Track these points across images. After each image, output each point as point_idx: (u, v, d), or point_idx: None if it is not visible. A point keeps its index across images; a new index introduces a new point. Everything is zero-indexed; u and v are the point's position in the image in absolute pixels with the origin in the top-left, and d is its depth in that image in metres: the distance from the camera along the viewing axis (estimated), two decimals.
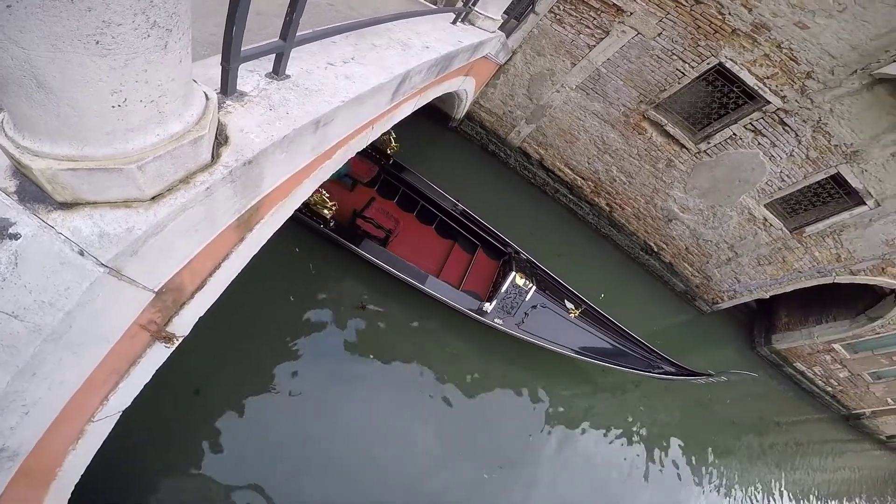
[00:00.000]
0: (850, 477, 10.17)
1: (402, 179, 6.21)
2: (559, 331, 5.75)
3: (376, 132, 3.69)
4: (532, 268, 6.08)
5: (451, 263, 5.96)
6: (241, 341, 4.92)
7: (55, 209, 1.30)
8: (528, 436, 5.92)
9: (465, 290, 5.66)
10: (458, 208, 6.20)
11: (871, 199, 6.63)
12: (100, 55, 0.99)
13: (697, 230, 8.51)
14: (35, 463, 1.69)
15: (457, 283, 5.73)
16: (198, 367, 4.54)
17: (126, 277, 1.46)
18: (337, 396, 5.09)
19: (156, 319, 1.93)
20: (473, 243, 6.25)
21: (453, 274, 5.88)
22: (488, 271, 6.06)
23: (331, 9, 3.94)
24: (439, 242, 6.24)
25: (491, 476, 5.46)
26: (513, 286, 5.50)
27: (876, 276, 7.65)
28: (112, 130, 1.18)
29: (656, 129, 7.54)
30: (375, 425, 5.13)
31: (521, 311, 5.52)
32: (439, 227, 6.38)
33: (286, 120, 1.99)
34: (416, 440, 5.28)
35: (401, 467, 5.05)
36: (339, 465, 4.79)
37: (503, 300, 5.46)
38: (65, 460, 1.97)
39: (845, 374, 10.17)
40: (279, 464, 4.53)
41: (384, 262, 5.29)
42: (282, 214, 2.59)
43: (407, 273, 5.34)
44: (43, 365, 1.36)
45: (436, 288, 5.39)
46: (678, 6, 6.21)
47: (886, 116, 5.88)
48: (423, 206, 6.41)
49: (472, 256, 6.15)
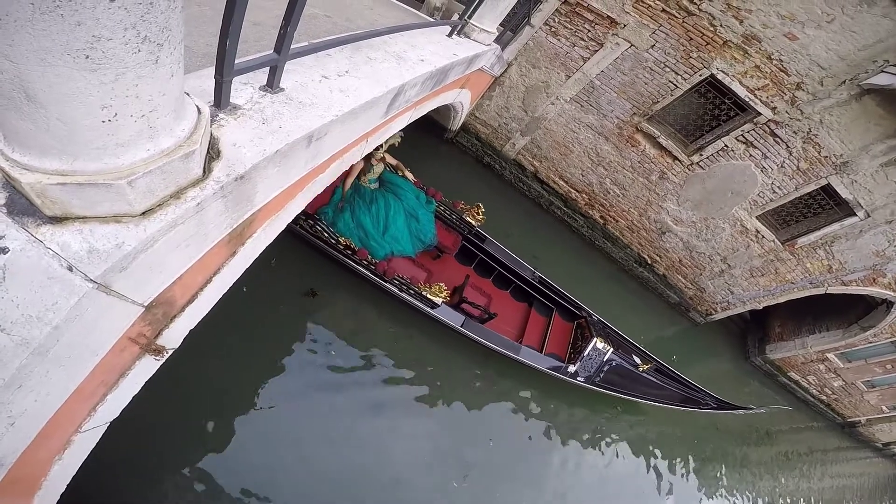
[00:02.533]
0: (846, 484, 10.17)
1: (482, 248, 6.57)
2: (630, 381, 6.27)
3: (370, 145, 3.70)
4: (604, 328, 6.51)
5: (530, 327, 6.32)
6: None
7: (44, 223, 1.29)
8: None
9: (547, 354, 6.07)
10: (535, 276, 6.58)
11: (861, 210, 6.69)
12: (90, 70, 0.99)
13: (690, 242, 8.56)
14: (20, 473, 1.67)
15: (538, 347, 6.15)
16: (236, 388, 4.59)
17: (115, 293, 1.44)
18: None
19: (145, 332, 1.91)
20: (548, 307, 6.64)
21: (534, 337, 6.29)
22: (564, 333, 6.47)
23: (328, 20, 3.96)
24: (516, 307, 6.61)
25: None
26: (594, 349, 5.92)
27: (867, 287, 7.71)
28: (102, 145, 1.17)
29: (649, 142, 7.60)
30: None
31: (599, 369, 5.99)
32: (514, 291, 6.75)
33: (279, 134, 1.98)
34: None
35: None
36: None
37: (585, 361, 5.92)
38: (50, 470, 1.94)
39: (839, 383, 10.20)
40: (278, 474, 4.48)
41: (482, 337, 5.65)
42: (275, 228, 2.58)
43: (501, 345, 5.70)
44: (29, 378, 1.34)
45: (528, 357, 5.81)
46: (670, 18, 6.31)
47: (875, 127, 5.96)
48: (497, 271, 6.78)
49: (549, 320, 6.53)
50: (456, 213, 6.24)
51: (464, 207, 6.27)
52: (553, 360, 5.99)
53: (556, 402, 6.57)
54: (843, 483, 10.14)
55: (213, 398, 4.57)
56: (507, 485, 5.59)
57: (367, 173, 5.51)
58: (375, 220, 5.43)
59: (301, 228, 5.13)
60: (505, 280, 6.72)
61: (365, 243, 5.35)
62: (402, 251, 5.58)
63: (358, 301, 5.87)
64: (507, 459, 5.78)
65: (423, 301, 5.36)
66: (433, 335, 6.02)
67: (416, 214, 5.66)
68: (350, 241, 5.18)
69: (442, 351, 6.05)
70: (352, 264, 5.30)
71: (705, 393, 6.82)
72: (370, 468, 4.91)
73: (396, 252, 5.54)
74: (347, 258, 5.24)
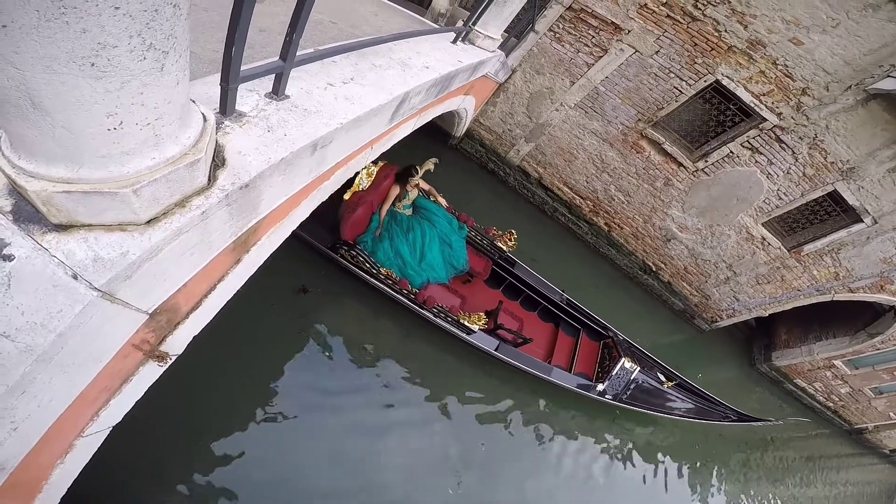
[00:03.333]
0: (852, 491, 10.04)
1: (511, 272, 6.69)
2: (654, 398, 6.43)
3: (375, 152, 3.70)
4: (629, 347, 6.65)
5: (559, 347, 6.47)
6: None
7: (50, 231, 1.29)
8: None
9: (576, 373, 6.22)
10: (563, 298, 6.71)
11: (868, 216, 6.64)
12: (95, 77, 0.98)
13: (696, 249, 8.51)
14: (21, 477, 1.67)
15: (567, 366, 6.28)
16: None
17: (119, 301, 1.44)
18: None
19: (149, 339, 1.91)
20: (575, 327, 6.79)
21: (562, 357, 6.41)
22: (591, 352, 6.61)
23: (333, 27, 3.99)
24: (544, 327, 6.74)
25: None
26: (622, 369, 6.07)
27: (875, 294, 7.63)
28: (107, 153, 1.17)
29: (654, 148, 7.59)
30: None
31: (626, 387, 6.13)
32: (541, 312, 6.89)
33: (284, 142, 1.98)
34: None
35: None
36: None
37: (613, 380, 6.06)
38: (52, 474, 1.94)
39: (846, 390, 10.10)
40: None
41: (515, 360, 5.75)
42: (279, 236, 2.58)
43: (532, 366, 5.82)
44: (33, 384, 1.34)
45: (559, 377, 5.94)
46: (675, 24, 6.30)
47: (881, 132, 5.92)
48: (525, 293, 6.90)
49: (576, 340, 6.67)
50: (487, 239, 6.31)
51: (496, 234, 6.34)
52: (582, 380, 6.12)
53: (567, 409, 6.63)
54: (850, 490, 10.02)
55: (216, 404, 4.56)
56: (506, 483, 5.59)
57: (402, 199, 5.54)
58: (412, 249, 5.46)
59: (341, 258, 5.16)
60: (531, 301, 6.82)
61: (403, 272, 5.37)
62: (437, 278, 5.62)
63: (357, 303, 5.88)
64: (502, 459, 5.78)
65: (459, 328, 5.41)
66: (439, 344, 6.03)
67: (449, 241, 5.70)
68: (391, 272, 5.21)
69: (440, 354, 6.06)
70: (393, 294, 5.33)
71: (725, 406, 6.98)
72: (379, 482, 4.89)
73: (432, 280, 5.59)
74: (389, 288, 5.25)
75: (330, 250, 5.12)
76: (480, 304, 6.16)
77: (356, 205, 5.17)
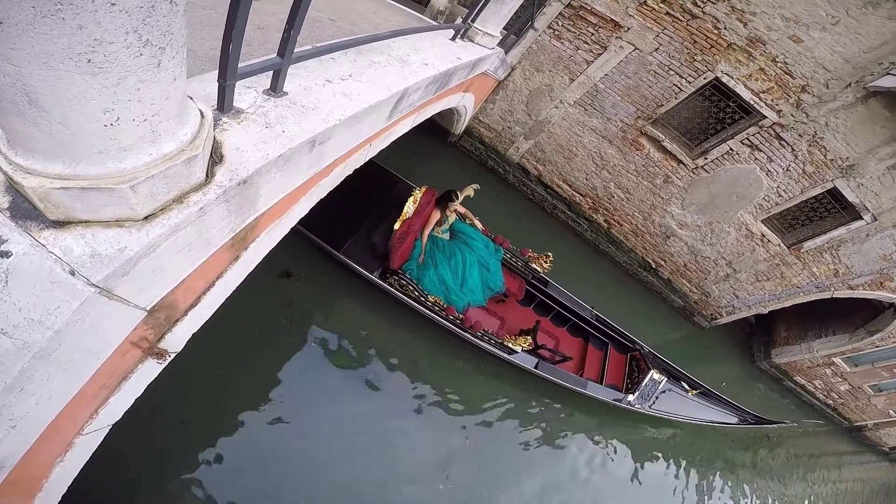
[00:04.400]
0: (852, 489, 10.06)
1: (543, 291, 6.91)
2: (680, 406, 6.79)
3: (374, 149, 3.70)
4: (655, 358, 6.93)
5: (589, 361, 6.72)
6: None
7: (47, 227, 1.29)
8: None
9: (607, 385, 6.45)
10: (593, 315, 6.95)
11: (867, 213, 6.64)
12: (91, 73, 0.98)
13: (695, 247, 8.51)
14: (21, 474, 1.67)
15: (597, 379, 6.53)
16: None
17: (117, 297, 1.44)
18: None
19: (148, 336, 1.91)
20: (603, 341, 7.06)
21: (593, 370, 6.67)
22: (619, 365, 6.87)
23: (332, 24, 3.98)
24: (573, 342, 6.98)
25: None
26: (651, 380, 6.32)
27: (874, 291, 7.63)
28: (105, 149, 1.17)
29: (654, 145, 7.58)
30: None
31: (654, 396, 6.41)
32: (570, 327, 7.14)
33: (282, 138, 1.98)
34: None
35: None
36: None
37: (642, 391, 6.32)
38: (52, 472, 1.95)
39: (846, 387, 10.10)
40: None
41: (554, 376, 6.01)
42: (278, 232, 2.58)
43: (568, 381, 6.07)
44: (31, 381, 1.34)
45: (593, 390, 6.20)
46: (675, 21, 6.29)
47: (881, 130, 5.91)
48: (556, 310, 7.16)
49: (605, 353, 6.93)
50: (521, 260, 6.50)
51: (531, 256, 6.48)
52: (613, 392, 6.39)
53: (586, 415, 6.88)
54: (849, 487, 10.03)
55: (218, 401, 4.59)
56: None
57: (441, 224, 5.61)
58: (455, 274, 5.60)
59: (390, 286, 5.31)
60: (560, 316, 7.08)
61: (447, 298, 5.51)
62: (476, 301, 5.77)
63: (360, 304, 5.90)
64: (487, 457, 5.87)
65: (501, 348, 5.60)
66: (443, 343, 6.08)
67: (486, 264, 5.83)
68: (438, 299, 5.37)
69: (434, 347, 6.11)
70: (440, 321, 5.48)
71: (744, 410, 7.30)
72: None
73: (472, 303, 5.74)
74: (437, 315, 5.40)
75: (379, 279, 5.30)
76: (516, 322, 6.36)
77: (406, 234, 5.30)
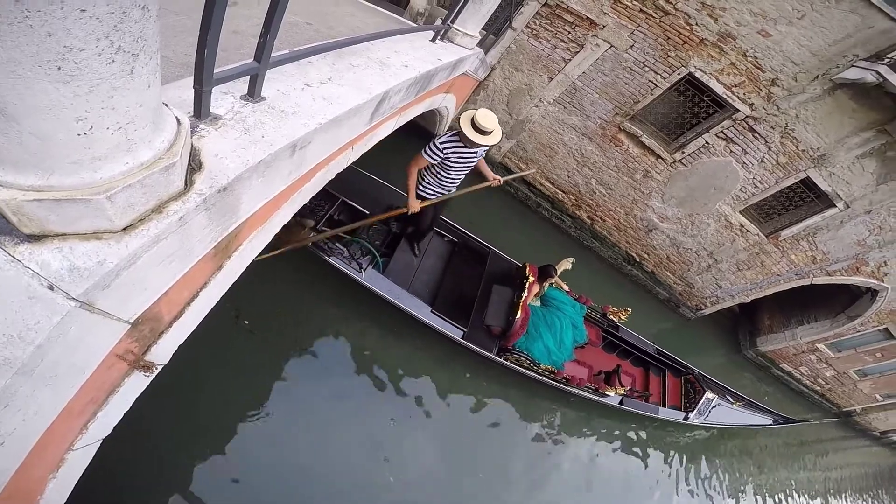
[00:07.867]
0: (847, 474, 10.27)
1: (617, 335, 7.38)
2: (728, 415, 7.50)
3: (356, 153, 3.68)
4: (704, 379, 7.55)
5: (651, 387, 7.33)
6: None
7: (22, 242, 1.25)
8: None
9: (669, 406, 7.11)
10: (654, 349, 7.50)
11: (840, 201, 6.81)
12: (62, 81, 0.96)
13: (677, 239, 8.64)
14: (15, 491, 1.64)
15: (660, 402, 7.17)
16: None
17: (98, 310, 1.40)
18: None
19: (133, 349, 1.87)
20: (660, 368, 7.65)
21: (656, 396, 7.27)
22: (676, 388, 7.50)
23: (309, 27, 3.96)
24: (635, 371, 7.57)
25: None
26: (707, 400, 7.05)
27: (851, 276, 7.84)
28: (78, 159, 1.14)
29: (632, 141, 7.68)
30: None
31: (708, 411, 7.16)
32: (633, 359, 7.70)
33: (262, 144, 1.95)
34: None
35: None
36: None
37: (700, 409, 7.04)
38: (46, 488, 1.91)
39: (832, 373, 10.33)
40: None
41: (632, 408, 6.62)
42: (261, 240, 2.55)
43: (643, 409, 6.73)
44: (15, 397, 1.30)
45: (664, 414, 6.90)
46: (648, 18, 6.39)
47: (848, 120, 6.09)
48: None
49: (662, 379, 7.57)
50: (600, 313, 6.97)
51: (612, 311, 6.97)
52: (676, 412, 7.06)
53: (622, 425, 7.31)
54: (843, 473, 10.23)
55: (219, 406, 4.56)
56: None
57: (539, 294, 6.05)
58: (555, 339, 5.94)
59: (506, 360, 5.68)
60: (625, 350, 7.61)
61: (550, 360, 5.83)
62: (569, 357, 6.12)
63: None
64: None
65: (595, 394, 6.19)
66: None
67: (576, 323, 6.18)
68: (551, 367, 5.75)
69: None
70: (554, 384, 5.97)
71: (774, 413, 8.05)
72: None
73: (567, 359, 6.09)
74: (552, 380, 5.88)
75: (496, 356, 5.64)
76: (596, 365, 6.90)
77: (526, 318, 5.63)
